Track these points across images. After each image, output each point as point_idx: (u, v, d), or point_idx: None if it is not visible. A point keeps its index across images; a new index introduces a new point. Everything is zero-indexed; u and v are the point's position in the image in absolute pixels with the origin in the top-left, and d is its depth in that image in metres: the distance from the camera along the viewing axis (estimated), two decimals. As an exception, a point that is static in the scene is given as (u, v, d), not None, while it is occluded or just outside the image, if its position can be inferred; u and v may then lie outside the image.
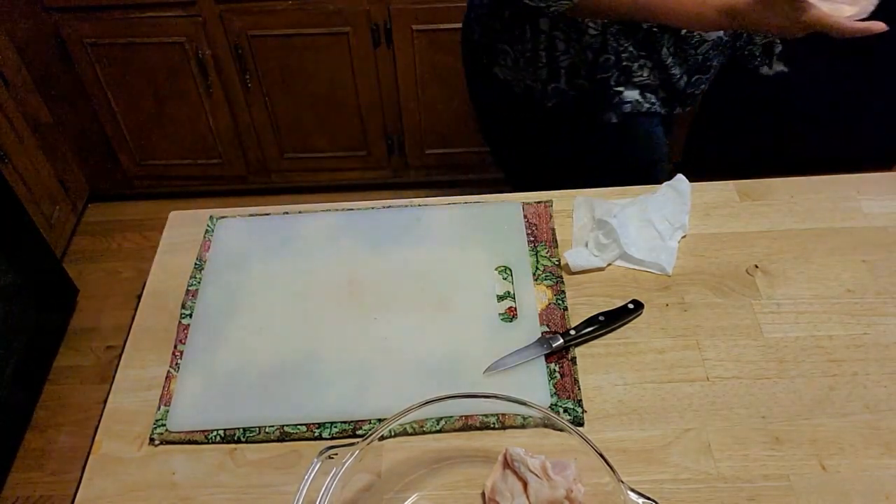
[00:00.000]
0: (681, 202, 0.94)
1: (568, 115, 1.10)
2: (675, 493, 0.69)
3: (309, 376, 0.80)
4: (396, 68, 1.98)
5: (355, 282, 0.89)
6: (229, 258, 0.93)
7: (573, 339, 0.81)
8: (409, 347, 0.82)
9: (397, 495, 0.71)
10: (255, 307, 0.87)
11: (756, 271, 0.88)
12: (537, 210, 0.97)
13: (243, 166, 2.23)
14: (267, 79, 2.00)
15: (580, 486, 0.66)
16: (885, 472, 0.70)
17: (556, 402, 0.76)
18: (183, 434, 0.76)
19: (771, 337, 0.82)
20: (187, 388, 0.79)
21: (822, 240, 0.92)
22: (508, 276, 0.89)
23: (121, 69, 1.97)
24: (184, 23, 1.87)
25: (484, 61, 1.14)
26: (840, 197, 0.97)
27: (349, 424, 0.76)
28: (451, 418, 0.75)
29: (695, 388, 0.77)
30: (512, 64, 1.08)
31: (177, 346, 0.84)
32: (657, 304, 0.85)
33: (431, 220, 0.96)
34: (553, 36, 1.02)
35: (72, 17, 1.86)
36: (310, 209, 1.00)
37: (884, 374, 0.77)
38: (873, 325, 0.82)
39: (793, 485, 0.70)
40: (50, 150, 2.07)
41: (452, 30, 1.89)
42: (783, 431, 0.73)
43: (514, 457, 0.68)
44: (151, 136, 2.14)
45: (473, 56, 1.18)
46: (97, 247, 2.24)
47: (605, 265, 0.90)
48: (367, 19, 1.87)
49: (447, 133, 2.16)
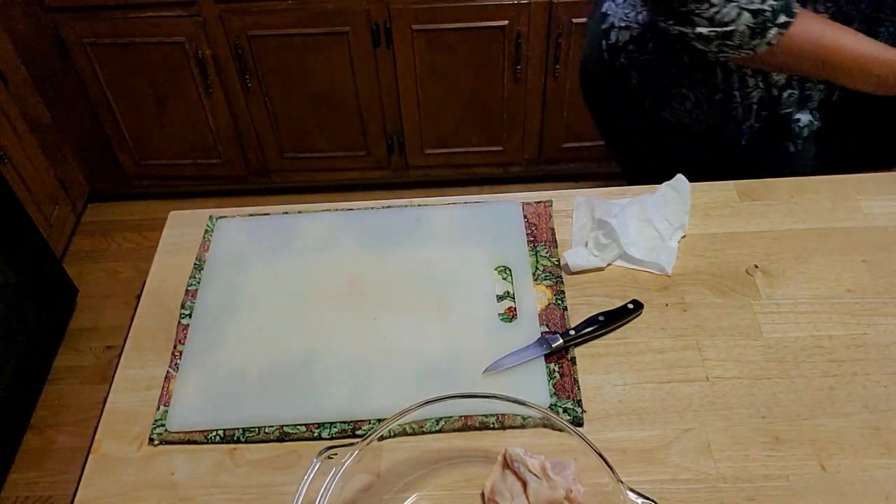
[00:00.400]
0: (681, 202, 0.94)
1: (748, 148, 1.08)
2: (675, 493, 0.69)
3: (309, 376, 0.80)
4: (396, 68, 1.98)
5: (355, 282, 0.89)
6: (229, 258, 0.93)
7: (573, 339, 0.80)
8: (408, 347, 0.82)
9: (397, 495, 0.71)
10: (254, 307, 0.87)
11: (756, 271, 0.88)
12: (537, 210, 0.97)
13: (243, 166, 2.23)
14: (267, 79, 2.00)
15: (580, 487, 0.66)
16: (885, 472, 0.70)
17: (555, 402, 0.76)
18: (182, 434, 0.76)
19: (771, 337, 0.82)
20: (187, 388, 0.79)
21: (822, 240, 0.91)
22: (508, 276, 0.89)
23: (121, 69, 1.97)
24: (184, 23, 1.87)
25: (646, 105, 1.10)
26: (840, 197, 0.96)
27: (349, 424, 0.76)
28: (451, 418, 0.75)
29: (695, 388, 0.77)
30: (692, 107, 1.05)
31: (176, 346, 0.84)
32: (657, 304, 0.85)
33: (431, 220, 0.96)
34: (744, 74, 1.00)
35: (72, 17, 1.86)
36: (310, 209, 1.00)
37: (884, 374, 0.77)
38: (873, 325, 0.82)
39: (793, 485, 0.69)
40: (50, 150, 2.07)
41: (452, 30, 1.90)
42: (783, 431, 0.73)
43: (514, 457, 0.68)
44: (151, 136, 2.14)
45: (627, 100, 1.13)
46: (97, 247, 2.24)
47: (605, 265, 0.90)
48: (366, 19, 1.87)
49: (447, 133, 2.16)
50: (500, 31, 1.91)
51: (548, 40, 1.93)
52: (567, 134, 2.17)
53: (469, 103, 2.08)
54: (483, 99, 2.06)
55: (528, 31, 1.91)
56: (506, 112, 2.10)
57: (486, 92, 2.05)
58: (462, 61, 1.97)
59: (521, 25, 1.89)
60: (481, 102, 2.07)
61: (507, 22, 1.89)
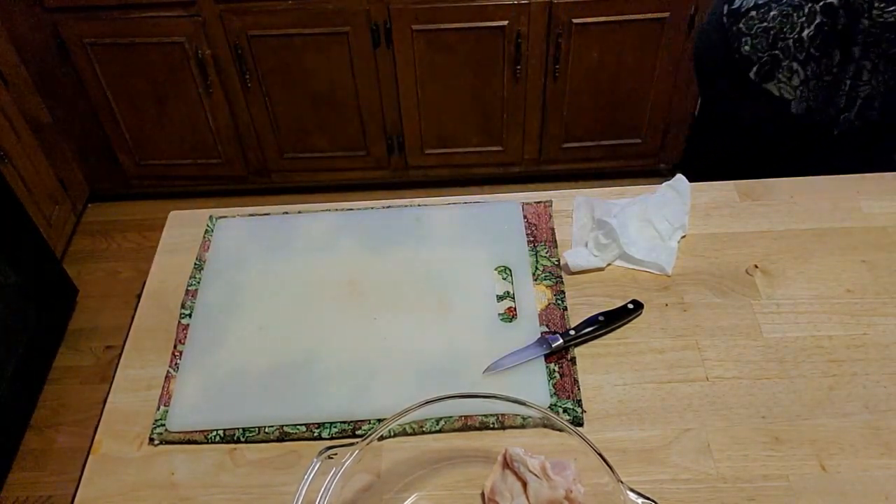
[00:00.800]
0: (681, 202, 0.94)
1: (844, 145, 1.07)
2: (675, 493, 0.69)
3: (309, 376, 0.80)
4: (396, 68, 1.98)
5: (355, 282, 0.89)
6: (229, 258, 0.93)
7: (573, 339, 0.80)
8: (408, 347, 0.82)
9: (397, 495, 0.71)
10: (254, 307, 0.87)
11: (756, 271, 0.88)
12: (537, 210, 0.97)
13: (243, 166, 2.23)
14: (267, 79, 2.00)
15: (580, 486, 0.66)
16: (885, 472, 0.70)
17: (555, 402, 0.76)
18: (182, 434, 0.76)
19: (771, 337, 0.82)
20: (187, 388, 0.79)
21: (822, 240, 0.92)
22: (508, 276, 0.89)
23: (121, 69, 1.97)
24: (184, 23, 1.87)
25: (752, 75, 1.09)
26: (840, 197, 0.96)
27: (349, 424, 0.76)
28: (451, 418, 0.75)
29: (695, 388, 0.77)
30: (799, 83, 1.05)
31: (176, 346, 0.84)
32: (657, 304, 0.85)
33: (431, 220, 0.96)
34: (861, 65, 0.99)
35: (71, 17, 1.86)
36: (310, 209, 1.00)
37: (884, 374, 0.77)
38: (873, 325, 0.82)
39: (793, 485, 0.69)
40: (50, 150, 2.07)
41: (452, 30, 1.90)
42: (783, 431, 0.73)
43: (514, 457, 0.68)
44: (151, 136, 2.14)
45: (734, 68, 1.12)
46: (97, 247, 2.24)
47: (605, 265, 0.90)
48: (366, 19, 1.87)
49: (447, 133, 2.16)
50: (500, 32, 1.91)
51: (548, 40, 1.93)
52: (567, 134, 2.17)
53: (469, 103, 2.08)
54: (483, 99, 2.06)
55: (528, 31, 1.91)
56: (506, 112, 2.10)
57: (486, 92, 2.05)
58: (462, 61, 1.97)
59: (521, 25, 1.89)
60: (481, 102, 2.07)
61: (507, 22, 1.89)
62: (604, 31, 1.91)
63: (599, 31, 1.91)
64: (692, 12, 1.88)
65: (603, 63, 1.98)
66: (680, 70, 2.00)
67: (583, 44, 1.94)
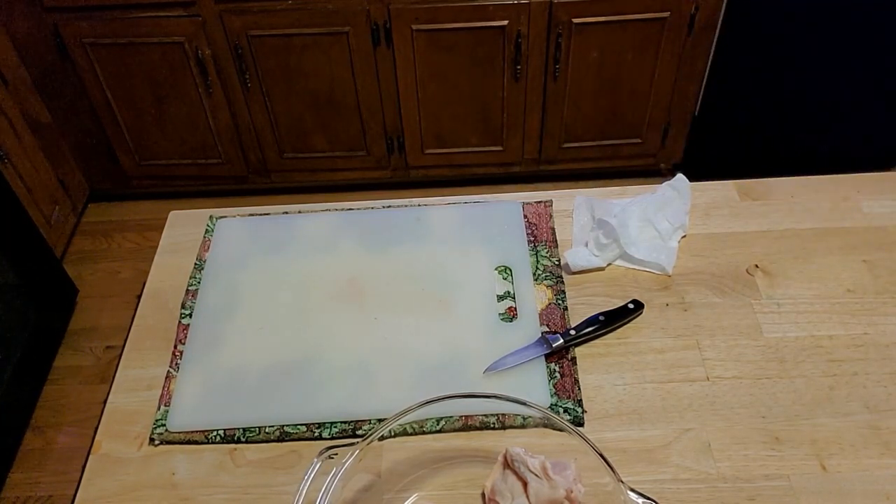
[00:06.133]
0: (681, 202, 0.94)
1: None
2: (675, 493, 0.69)
3: (309, 376, 0.80)
4: (396, 68, 1.98)
5: (355, 282, 0.89)
6: (229, 258, 0.93)
7: (573, 339, 0.80)
8: (409, 347, 0.82)
9: (397, 495, 0.71)
10: (254, 307, 0.87)
11: (756, 271, 0.88)
12: (537, 210, 0.97)
13: (243, 166, 2.23)
14: (267, 79, 2.00)
15: (580, 486, 0.66)
16: (885, 472, 0.70)
17: (555, 402, 0.76)
18: (183, 434, 0.76)
19: (771, 337, 0.82)
20: (187, 387, 0.79)
21: (822, 240, 0.92)
22: (508, 276, 0.89)
23: (121, 69, 1.97)
24: (184, 23, 1.87)
25: None
26: (840, 197, 0.97)
27: (349, 424, 0.76)
28: (451, 418, 0.75)
29: (695, 388, 0.77)
30: None
31: (177, 346, 0.84)
32: (657, 304, 0.85)
33: (431, 220, 0.96)
34: None
35: (71, 17, 1.86)
36: (310, 209, 1.00)
37: (884, 374, 0.77)
38: (873, 325, 0.82)
39: (793, 485, 0.69)
40: (50, 150, 2.07)
41: (452, 30, 1.90)
42: (783, 431, 0.73)
43: (514, 457, 0.68)
44: (151, 136, 2.14)
45: None
46: (97, 247, 2.24)
47: (605, 265, 0.90)
48: (366, 19, 1.87)
49: (447, 133, 2.16)
50: (500, 31, 1.91)
51: (548, 40, 1.93)
52: (567, 134, 2.17)
53: (469, 103, 2.07)
54: (483, 99, 2.06)
55: (528, 31, 1.91)
56: (506, 112, 2.10)
57: (486, 92, 2.05)
58: (462, 61, 1.97)
59: (521, 25, 1.89)
60: (481, 102, 2.07)
61: (507, 22, 1.89)
62: (604, 30, 1.91)
63: (599, 31, 1.91)
64: (692, 12, 1.88)
65: (603, 63, 1.98)
66: (680, 70, 2.00)
67: (583, 43, 1.94)
